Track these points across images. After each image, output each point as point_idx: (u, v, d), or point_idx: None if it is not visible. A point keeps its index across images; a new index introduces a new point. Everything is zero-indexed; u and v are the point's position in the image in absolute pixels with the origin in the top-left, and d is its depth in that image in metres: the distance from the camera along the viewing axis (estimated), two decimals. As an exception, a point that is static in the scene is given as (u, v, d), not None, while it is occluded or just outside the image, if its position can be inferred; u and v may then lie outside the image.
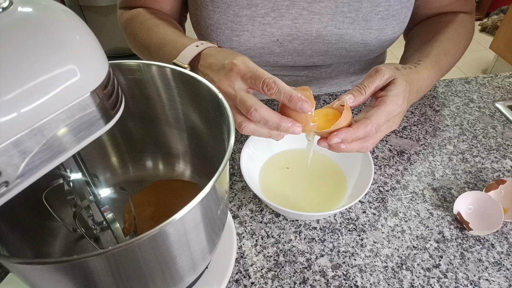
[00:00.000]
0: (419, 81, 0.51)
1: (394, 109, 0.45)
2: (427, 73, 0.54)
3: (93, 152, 0.48)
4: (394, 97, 0.45)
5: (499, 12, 2.64)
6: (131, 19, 0.65)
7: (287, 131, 0.42)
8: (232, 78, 0.43)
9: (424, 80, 0.53)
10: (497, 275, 0.45)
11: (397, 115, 0.47)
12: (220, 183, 0.31)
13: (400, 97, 0.45)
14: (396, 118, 0.47)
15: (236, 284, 0.43)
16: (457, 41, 0.62)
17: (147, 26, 0.61)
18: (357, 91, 0.46)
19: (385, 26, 0.61)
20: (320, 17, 0.60)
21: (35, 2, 0.23)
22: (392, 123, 0.47)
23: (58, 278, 0.28)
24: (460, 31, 0.63)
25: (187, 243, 0.31)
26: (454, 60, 0.62)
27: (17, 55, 0.21)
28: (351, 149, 0.44)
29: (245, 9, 0.59)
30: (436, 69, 0.56)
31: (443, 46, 0.59)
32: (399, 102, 0.45)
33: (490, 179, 0.57)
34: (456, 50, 0.62)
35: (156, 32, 0.59)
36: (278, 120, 0.41)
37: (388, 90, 0.46)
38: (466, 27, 0.65)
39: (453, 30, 0.63)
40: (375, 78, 0.47)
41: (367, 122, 0.43)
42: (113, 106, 0.27)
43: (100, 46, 0.26)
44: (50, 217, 0.39)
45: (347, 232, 0.49)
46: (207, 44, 0.51)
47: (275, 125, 0.41)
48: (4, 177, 0.21)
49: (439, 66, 0.57)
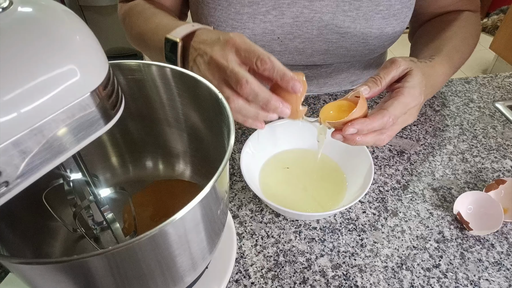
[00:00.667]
0: (434, 76, 0.50)
1: (411, 101, 0.44)
2: (441, 68, 0.53)
3: (93, 152, 0.48)
4: (411, 89, 0.44)
5: (499, 12, 2.64)
6: (129, 10, 0.65)
7: (275, 111, 0.40)
8: (226, 50, 0.42)
9: (439, 75, 0.52)
10: (497, 275, 0.45)
11: (414, 108, 0.45)
12: (220, 183, 0.31)
13: (417, 88, 0.44)
14: (413, 111, 0.46)
15: (236, 284, 0.43)
16: (465, 38, 0.61)
17: (144, 15, 0.60)
18: (372, 82, 0.45)
19: (385, 26, 0.61)
20: (321, 16, 0.60)
21: (35, 2, 0.23)
22: (409, 115, 0.46)
23: (58, 278, 0.28)
24: (467, 28, 0.63)
25: (187, 243, 0.31)
26: (464, 57, 0.61)
27: (17, 55, 0.21)
28: (367, 141, 0.43)
29: (246, 7, 0.59)
30: (450, 65, 0.55)
31: (452, 43, 0.59)
32: (416, 93, 0.44)
33: (490, 179, 0.57)
34: (466, 47, 0.61)
35: (153, 19, 0.58)
36: (268, 96, 0.39)
37: (405, 82, 0.45)
38: (473, 25, 0.64)
39: (460, 28, 0.62)
40: (390, 69, 0.46)
41: (384, 113, 0.42)
42: (113, 106, 0.27)
43: (100, 46, 0.26)
44: (50, 217, 0.39)
45: (347, 232, 0.49)
46: (202, 25, 0.50)
47: (265, 101, 0.39)
48: (4, 177, 0.21)
49: (452, 63, 0.56)
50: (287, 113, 0.41)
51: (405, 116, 0.45)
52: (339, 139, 0.43)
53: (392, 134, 0.44)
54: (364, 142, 0.43)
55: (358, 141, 0.43)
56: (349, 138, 0.42)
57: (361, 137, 0.42)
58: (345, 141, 0.43)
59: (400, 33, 0.65)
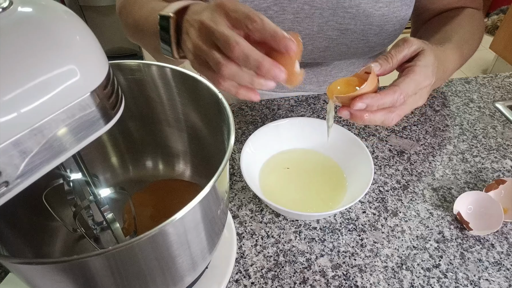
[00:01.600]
0: (445, 62, 0.49)
1: (422, 80, 0.42)
2: (452, 55, 0.52)
3: (93, 152, 0.48)
4: (423, 67, 0.43)
5: (499, 12, 2.64)
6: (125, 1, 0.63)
7: (269, 73, 0.36)
8: (215, 14, 0.39)
9: (450, 62, 0.51)
10: (497, 275, 0.45)
11: (425, 88, 0.44)
12: (220, 183, 0.31)
13: (429, 68, 0.43)
14: (423, 92, 0.44)
15: (236, 284, 0.43)
16: (472, 31, 0.61)
17: (140, 3, 0.58)
18: (383, 60, 0.44)
19: (385, 23, 0.62)
20: (322, 12, 0.60)
21: (35, 2, 0.23)
22: (419, 97, 0.44)
23: (58, 278, 0.28)
24: (473, 23, 0.63)
25: (187, 243, 0.31)
26: (472, 49, 0.60)
27: (17, 55, 0.21)
28: (375, 119, 0.41)
29: (247, 2, 0.59)
30: (460, 54, 0.54)
31: (460, 33, 0.58)
32: (428, 73, 0.43)
33: (490, 179, 0.57)
34: (472, 40, 0.60)
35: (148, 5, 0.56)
36: (260, 57, 0.35)
37: (417, 60, 0.44)
38: (477, 20, 0.64)
39: (466, 21, 0.62)
40: (403, 47, 0.45)
41: (395, 89, 0.40)
42: (113, 106, 0.27)
43: (100, 46, 0.26)
44: (50, 217, 0.39)
45: (347, 232, 0.49)
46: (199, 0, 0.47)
47: (256, 63, 0.36)
48: (4, 177, 0.21)
49: (461, 52, 0.55)
50: (282, 77, 0.37)
51: (416, 96, 0.44)
52: (346, 116, 0.41)
53: (401, 113, 0.42)
54: (372, 120, 0.41)
55: (366, 119, 0.41)
56: (357, 114, 0.41)
57: (369, 114, 0.41)
58: (353, 118, 0.41)
59: (400, 31, 0.65)
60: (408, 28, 0.69)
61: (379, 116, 0.41)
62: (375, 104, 0.40)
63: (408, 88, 0.41)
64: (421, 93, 0.44)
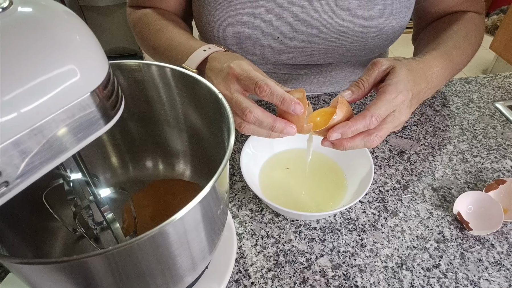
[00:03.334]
0: (424, 70, 0.49)
1: (394, 97, 0.43)
2: (435, 62, 0.52)
3: (93, 152, 0.48)
4: (393, 85, 0.43)
5: (499, 12, 2.64)
6: (139, 20, 0.66)
7: (282, 132, 0.42)
8: (228, 81, 0.44)
9: (434, 69, 0.51)
10: (497, 275, 0.45)
11: (402, 103, 0.44)
12: (220, 183, 0.31)
13: (400, 84, 0.44)
14: (402, 107, 0.45)
15: (236, 284, 0.43)
16: (466, 36, 0.61)
17: (155, 28, 0.62)
18: (355, 86, 0.46)
19: (384, 25, 0.62)
20: (321, 15, 0.60)
21: (35, 2, 0.23)
22: (398, 113, 0.44)
23: (58, 278, 0.28)
24: (469, 27, 0.62)
25: (187, 243, 0.31)
26: (466, 54, 0.60)
27: (17, 55, 0.21)
28: (356, 144, 0.43)
29: (246, 6, 0.59)
30: (445, 59, 0.54)
31: (452, 40, 0.58)
32: (399, 88, 0.43)
33: (490, 179, 0.57)
34: (467, 45, 0.60)
35: (164, 34, 0.60)
36: (272, 121, 0.42)
37: (387, 79, 0.45)
38: (476, 25, 0.64)
39: (462, 26, 0.61)
40: (372, 70, 0.46)
41: (365, 113, 0.42)
42: (113, 106, 0.27)
43: (100, 46, 0.26)
44: (50, 217, 0.39)
45: (347, 232, 0.49)
46: (214, 48, 0.53)
47: (269, 126, 0.42)
48: (4, 177, 0.21)
49: (449, 58, 0.55)
50: (293, 132, 0.42)
51: (394, 114, 0.44)
52: (328, 146, 0.43)
53: (382, 134, 0.43)
54: (353, 146, 0.43)
55: (347, 146, 0.43)
56: (336, 143, 0.43)
57: (348, 141, 0.42)
58: (335, 147, 0.43)
59: (399, 33, 0.65)
60: (409, 28, 0.69)
61: (358, 141, 0.43)
62: (349, 131, 0.41)
63: (379, 109, 0.42)
64: (399, 109, 0.44)
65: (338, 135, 0.42)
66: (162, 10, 0.67)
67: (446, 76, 0.55)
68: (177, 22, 0.64)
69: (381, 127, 0.43)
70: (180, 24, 0.64)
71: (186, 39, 0.57)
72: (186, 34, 0.59)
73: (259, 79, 0.42)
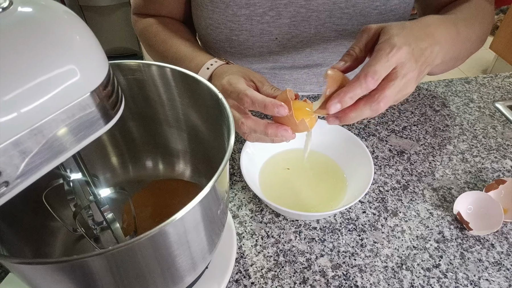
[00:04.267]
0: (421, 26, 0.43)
1: (389, 51, 0.38)
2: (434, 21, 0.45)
3: (93, 152, 0.48)
4: (385, 41, 0.39)
5: (499, 12, 2.64)
6: (144, 29, 0.68)
7: (277, 136, 0.42)
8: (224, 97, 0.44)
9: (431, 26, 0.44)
10: (497, 275, 0.45)
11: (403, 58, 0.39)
12: (220, 183, 0.31)
13: (393, 38, 0.39)
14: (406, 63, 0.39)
15: (236, 284, 0.43)
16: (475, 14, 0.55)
17: (160, 38, 0.64)
18: (346, 55, 0.42)
19: (383, 21, 0.61)
20: (318, 14, 0.60)
21: (35, 2, 0.23)
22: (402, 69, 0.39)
23: (58, 278, 0.28)
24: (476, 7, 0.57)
25: (187, 243, 0.31)
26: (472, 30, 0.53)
27: (17, 55, 0.21)
28: (361, 111, 0.39)
29: (243, 8, 0.59)
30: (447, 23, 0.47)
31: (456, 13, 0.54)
32: (393, 42, 0.39)
33: (490, 179, 0.57)
34: (474, 20, 0.54)
35: (170, 46, 0.62)
36: (264, 128, 0.42)
37: (379, 40, 0.41)
38: (483, 8, 0.58)
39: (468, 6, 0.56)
40: (361, 35, 0.43)
41: (359, 74, 0.38)
42: (113, 106, 0.27)
43: (100, 46, 0.26)
44: (50, 217, 0.39)
45: (347, 232, 0.49)
46: (216, 63, 0.53)
47: (263, 133, 0.42)
48: (4, 177, 0.21)
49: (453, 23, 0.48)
50: (290, 135, 0.42)
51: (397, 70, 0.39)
52: (335, 123, 0.41)
53: (388, 94, 0.38)
54: (359, 114, 0.39)
55: (352, 116, 0.39)
56: (341, 116, 0.40)
57: (351, 110, 0.39)
58: (341, 121, 0.40)
59: None
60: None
61: (362, 107, 0.39)
62: (346, 97, 0.38)
63: (372, 68, 0.38)
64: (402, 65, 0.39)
65: (337, 105, 0.38)
66: (165, 20, 0.68)
67: (451, 40, 0.47)
68: (181, 32, 0.65)
69: (385, 86, 0.39)
70: (184, 34, 0.65)
71: (191, 52, 0.58)
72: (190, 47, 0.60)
73: (239, 91, 0.42)
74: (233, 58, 0.66)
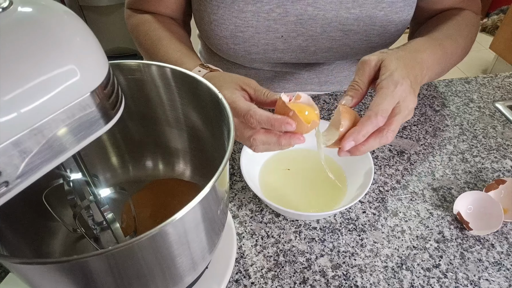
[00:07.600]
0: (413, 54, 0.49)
1: (393, 89, 0.43)
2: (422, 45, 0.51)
3: (93, 152, 0.48)
4: (388, 78, 0.43)
5: (499, 12, 2.64)
6: (136, 27, 0.67)
7: (291, 145, 0.42)
8: None
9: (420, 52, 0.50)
10: (497, 275, 0.45)
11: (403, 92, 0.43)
12: (220, 183, 0.31)
13: (394, 75, 0.43)
14: (406, 96, 0.44)
15: (236, 284, 0.43)
16: (459, 29, 0.60)
17: (150, 39, 0.63)
18: (351, 90, 0.46)
19: (388, 23, 0.62)
20: (325, 13, 0.60)
21: (35, 2, 0.23)
22: (404, 102, 0.43)
23: (58, 278, 0.28)
24: (462, 22, 0.62)
25: (187, 243, 0.31)
26: (458, 45, 0.59)
27: (17, 55, 0.21)
28: (371, 145, 0.43)
29: (250, 4, 0.59)
30: (433, 44, 0.53)
31: (442, 30, 0.58)
32: (395, 79, 0.43)
33: (490, 179, 0.57)
34: (457, 36, 0.59)
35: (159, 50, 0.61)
36: (276, 140, 0.42)
37: (381, 75, 0.45)
38: (469, 20, 0.63)
39: (455, 20, 0.61)
40: (363, 69, 0.46)
41: (369, 114, 0.41)
42: (113, 106, 0.27)
43: (100, 46, 0.26)
44: (50, 217, 0.39)
45: (347, 232, 0.49)
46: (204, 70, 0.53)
47: (276, 145, 0.42)
48: (4, 177, 0.21)
49: (438, 43, 0.54)
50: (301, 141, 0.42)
51: (400, 104, 0.43)
52: (346, 155, 0.43)
53: (394, 127, 0.43)
54: (369, 147, 0.43)
55: (363, 149, 0.42)
56: (353, 151, 0.43)
57: (363, 144, 0.42)
58: (352, 154, 0.43)
59: (402, 32, 0.65)
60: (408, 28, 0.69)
61: (372, 142, 0.42)
62: (360, 136, 0.41)
63: (381, 105, 0.42)
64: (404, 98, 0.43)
65: (351, 143, 0.41)
66: (160, 17, 0.66)
67: (438, 59, 0.53)
68: (173, 33, 0.64)
69: (391, 121, 0.42)
70: (176, 35, 0.64)
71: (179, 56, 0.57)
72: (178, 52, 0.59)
73: (243, 113, 0.42)
74: (236, 54, 0.66)
